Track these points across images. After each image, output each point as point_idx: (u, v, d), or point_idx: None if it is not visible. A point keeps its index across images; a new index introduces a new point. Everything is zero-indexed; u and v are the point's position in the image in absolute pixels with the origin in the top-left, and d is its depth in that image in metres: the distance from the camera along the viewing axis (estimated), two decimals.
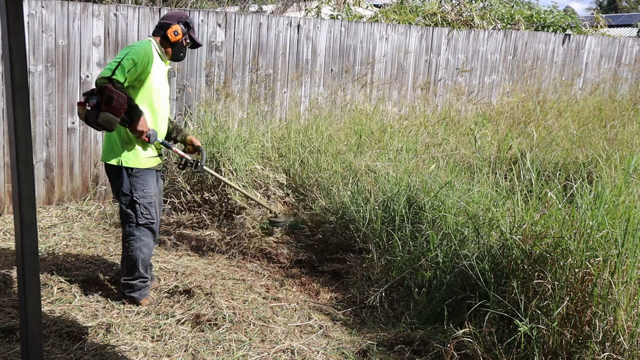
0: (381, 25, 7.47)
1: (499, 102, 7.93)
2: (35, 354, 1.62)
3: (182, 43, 3.56)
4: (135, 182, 3.44)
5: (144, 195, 3.45)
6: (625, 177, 3.23)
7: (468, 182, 4.12)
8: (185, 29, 3.54)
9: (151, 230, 3.53)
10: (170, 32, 3.50)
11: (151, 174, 3.49)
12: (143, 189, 3.45)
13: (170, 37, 3.51)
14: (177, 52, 3.59)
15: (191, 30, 3.60)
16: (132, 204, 3.45)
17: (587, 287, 2.71)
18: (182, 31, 3.53)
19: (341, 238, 4.25)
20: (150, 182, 3.48)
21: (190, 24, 3.58)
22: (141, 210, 3.45)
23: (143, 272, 3.52)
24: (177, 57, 3.63)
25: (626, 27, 19.39)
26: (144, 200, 3.45)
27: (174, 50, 3.57)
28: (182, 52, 3.62)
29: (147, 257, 3.54)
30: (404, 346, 3.10)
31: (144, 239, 3.50)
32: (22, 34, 1.45)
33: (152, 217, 3.50)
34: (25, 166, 1.50)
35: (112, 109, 3.15)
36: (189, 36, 3.59)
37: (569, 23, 10.17)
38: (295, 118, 6.23)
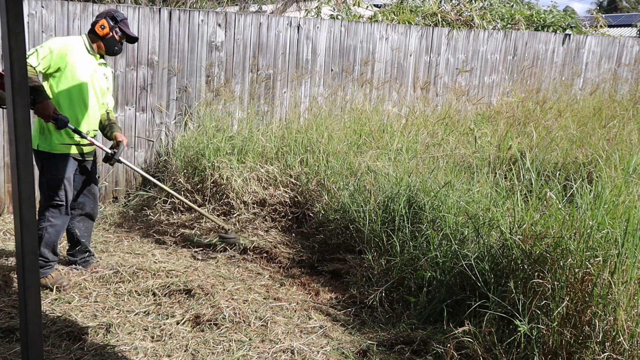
0: (381, 25, 7.47)
1: (499, 102, 7.93)
2: (35, 354, 1.62)
3: (113, 37, 3.79)
4: (46, 165, 3.68)
5: (51, 177, 3.68)
6: (625, 177, 3.23)
7: (468, 182, 4.12)
8: (112, 22, 3.76)
9: (59, 212, 3.73)
10: (98, 27, 3.74)
11: (64, 159, 3.70)
12: (53, 172, 3.68)
13: (98, 31, 3.73)
14: (110, 46, 3.79)
15: (121, 23, 3.80)
16: (42, 185, 3.71)
17: (587, 287, 2.71)
18: (109, 25, 3.75)
19: (341, 238, 4.25)
20: (60, 166, 3.70)
21: (117, 17, 3.79)
22: (49, 192, 3.69)
23: (45, 252, 3.72)
24: (111, 51, 3.82)
25: (626, 27, 19.39)
26: (52, 182, 3.68)
27: (105, 44, 3.78)
28: (115, 45, 3.81)
29: (52, 238, 3.72)
30: (404, 346, 3.10)
31: (51, 220, 3.71)
32: (22, 34, 1.45)
33: (59, 199, 3.70)
34: (25, 166, 1.50)
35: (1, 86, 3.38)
36: (119, 29, 3.80)
37: (569, 23, 10.17)
38: (295, 118, 6.23)
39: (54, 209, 3.73)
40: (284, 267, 4.29)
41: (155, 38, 5.61)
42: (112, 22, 3.76)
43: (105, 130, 3.98)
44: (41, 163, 3.71)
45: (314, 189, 4.78)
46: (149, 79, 5.67)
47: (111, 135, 3.94)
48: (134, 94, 5.63)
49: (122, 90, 5.56)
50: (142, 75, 5.63)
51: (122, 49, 3.92)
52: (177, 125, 5.91)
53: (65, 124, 3.57)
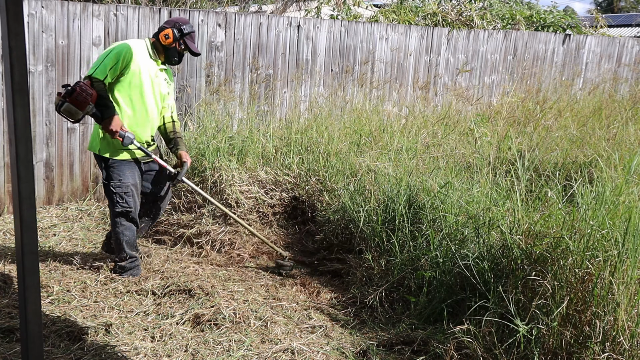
0: (381, 25, 7.47)
1: (499, 102, 7.93)
2: (35, 354, 1.62)
3: (175, 48, 3.78)
4: (111, 171, 3.69)
5: (119, 184, 3.70)
6: (626, 177, 3.23)
7: (468, 181, 4.12)
8: (178, 34, 3.75)
9: (128, 218, 3.77)
10: (162, 35, 3.74)
11: (128, 164, 3.73)
12: (119, 179, 3.69)
13: (162, 39, 3.76)
14: (170, 56, 3.80)
15: (187, 37, 3.79)
16: (109, 192, 3.73)
17: (587, 287, 2.71)
18: (174, 36, 3.74)
19: (341, 238, 4.25)
20: (127, 172, 3.71)
21: (184, 30, 3.77)
22: (117, 199, 3.71)
23: (129, 252, 3.81)
24: (170, 61, 3.84)
25: (626, 27, 19.40)
26: (119, 189, 3.70)
27: (166, 53, 3.79)
28: (175, 56, 3.82)
29: (131, 239, 3.81)
30: (404, 346, 3.10)
31: (124, 224, 3.78)
32: (22, 34, 1.45)
33: (128, 206, 3.74)
34: (25, 166, 1.50)
35: (73, 101, 3.42)
36: (183, 42, 3.79)
37: (569, 23, 10.17)
38: (295, 118, 6.23)
39: (122, 216, 3.76)
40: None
41: None
42: (177, 34, 3.75)
43: (170, 144, 3.97)
44: (105, 170, 3.71)
45: (313, 189, 4.78)
46: None
47: (176, 152, 3.93)
48: None
49: None
50: None
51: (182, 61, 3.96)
52: None
53: (132, 141, 3.59)
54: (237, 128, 5.89)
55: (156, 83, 3.76)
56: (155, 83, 3.75)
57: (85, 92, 3.42)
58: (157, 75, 3.77)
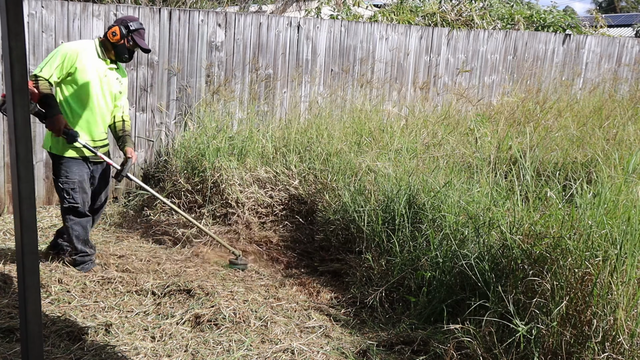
0: (381, 25, 7.47)
1: (499, 102, 7.93)
2: (35, 354, 1.62)
3: (123, 45, 3.83)
4: (59, 168, 3.78)
5: (66, 180, 3.78)
6: (625, 177, 3.23)
7: (468, 181, 4.12)
8: (125, 31, 3.81)
9: (77, 213, 3.85)
10: (109, 33, 3.80)
11: (76, 162, 3.80)
12: (66, 175, 3.77)
13: (109, 37, 3.80)
14: (120, 53, 3.85)
15: (135, 33, 3.84)
16: (57, 187, 3.83)
17: (587, 287, 2.71)
18: (122, 33, 3.80)
19: (341, 238, 4.25)
20: (74, 168, 3.79)
21: (131, 27, 3.83)
22: (64, 195, 3.80)
23: (81, 247, 3.88)
24: (120, 58, 3.89)
25: (626, 27, 19.40)
26: (66, 185, 3.79)
27: (115, 50, 3.84)
28: (125, 53, 3.86)
29: (81, 234, 3.88)
30: (404, 346, 3.10)
31: (74, 219, 3.86)
32: (22, 34, 1.45)
33: (74, 201, 3.81)
34: (25, 166, 1.50)
35: None
36: (132, 39, 3.84)
37: (569, 23, 10.17)
38: (295, 118, 6.23)
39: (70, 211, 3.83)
40: (284, 267, 4.29)
41: (155, 38, 5.61)
42: (124, 31, 3.80)
43: (119, 141, 4.03)
44: (54, 166, 3.79)
45: (313, 189, 4.78)
46: (149, 79, 5.67)
47: (123, 149, 3.98)
48: (134, 94, 5.63)
49: None
50: (142, 76, 5.63)
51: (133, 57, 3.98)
52: (177, 126, 5.91)
53: (75, 139, 3.65)
54: (237, 128, 5.90)
55: (105, 82, 3.81)
56: (104, 82, 3.81)
57: None
58: (105, 75, 3.82)
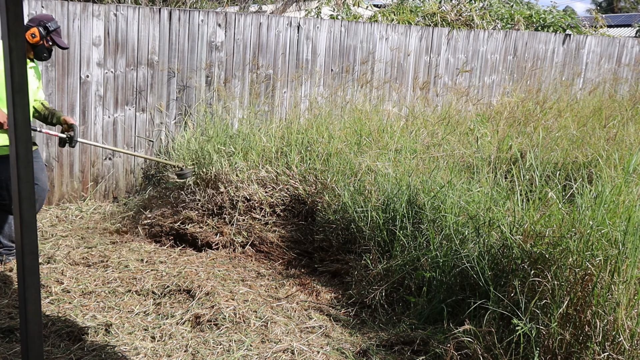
0: (381, 25, 7.47)
1: (499, 102, 7.93)
2: (35, 354, 1.62)
3: (42, 45, 3.88)
4: None
5: None
6: (625, 177, 3.23)
7: (468, 181, 4.12)
8: (44, 32, 3.85)
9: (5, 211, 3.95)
10: (28, 35, 3.81)
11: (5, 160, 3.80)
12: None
13: (28, 38, 3.81)
14: (39, 53, 3.88)
15: (53, 33, 3.90)
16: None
17: (587, 287, 2.71)
18: (40, 34, 3.84)
19: (341, 238, 4.25)
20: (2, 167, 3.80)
21: (50, 27, 3.88)
22: None
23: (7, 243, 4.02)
24: (40, 57, 3.91)
25: (626, 27, 19.40)
26: None
27: (35, 50, 3.87)
28: (44, 52, 3.90)
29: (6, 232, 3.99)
30: (404, 346, 3.10)
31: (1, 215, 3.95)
32: (22, 34, 1.45)
33: (2, 199, 3.86)
34: (25, 166, 1.50)
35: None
36: (50, 39, 3.89)
37: (569, 23, 10.17)
38: (295, 118, 6.23)
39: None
40: (284, 267, 4.29)
41: (155, 38, 5.61)
42: (44, 32, 3.86)
43: (48, 118, 4.08)
44: None
45: (314, 189, 4.78)
46: (149, 79, 5.67)
47: (58, 121, 4.06)
48: (134, 94, 5.63)
49: (122, 90, 5.56)
50: (142, 75, 5.63)
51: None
52: (177, 125, 5.91)
53: None
54: (238, 127, 5.89)
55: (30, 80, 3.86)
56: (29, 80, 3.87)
57: None
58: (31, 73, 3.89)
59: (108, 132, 3.98)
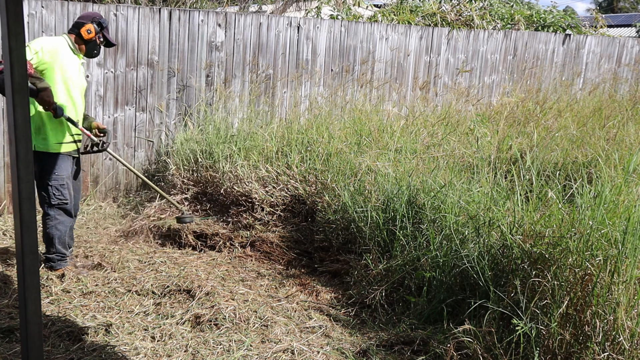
0: (381, 25, 7.47)
1: (499, 102, 7.93)
2: (35, 354, 1.62)
3: (95, 41, 3.89)
4: (45, 165, 3.76)
5: (55, 177, 3.77)
6: (625, 177, 3.23)
7: (468, 181, 4.12)
8: (98, 28, 3.87)
9: (65, 210, 3.86)
10: (84, 31, 3.83)
11: (62, 158, 3.80)
12: (54, 172, 3.77)
13: (83, 34, 3.83)
14: (91, 50, 3.92)
15: (105, 30, 3.92)
16: (45, 186, 3.78)
17: (587, 287, 2.71)
18: (95, 30, 3.86)
19: (341, 238, 4.25)
20: (62, 165, 3.80)
21: (103, 24, 3.90)
22: (53, 192, 3.79)
23: (60, 249, 3.87)
24: (90, 54, 3.95)
25: (626, 27, 19.40)
26: (55, 182, 3.78)
27: (87, 47, 3.89)
28: (95, 49, 3.94)
29: (63, 235, 3.88)
30: (404, 346, 3.10)
31: (58, 218, 3.85)
32: (22, 34, 1.45)
33: (64, 198, 3.82)
34: (25, 166, 1.50)
35: None
36: (102, 35, 3.91)
37: (569, 23, 10.17)
38: (295, 118, 6.23)
39: (58, 208, 3.83)
40: (284, 267, 4.29)
41: (155, 38, 5.61)
42: (98, 28, 3.87)
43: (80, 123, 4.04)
44: (41, 165, 3.77)
45: (314, 189, 4.78)
46: (149, 79, 5.67)
47: (89, 126, 4.05)
48: (134, 94, 5.63)
49: (122, 90, 5.56)
50: (142, 75, 5.63)
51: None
52: (177, 125, 5.91)
53: (63, 112, 3.68)
54: (238, 127, 5.90)
55: (78, 78, 3.87)
56: (80, 78, 3.88)
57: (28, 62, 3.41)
58: (79, 70, 3.89)
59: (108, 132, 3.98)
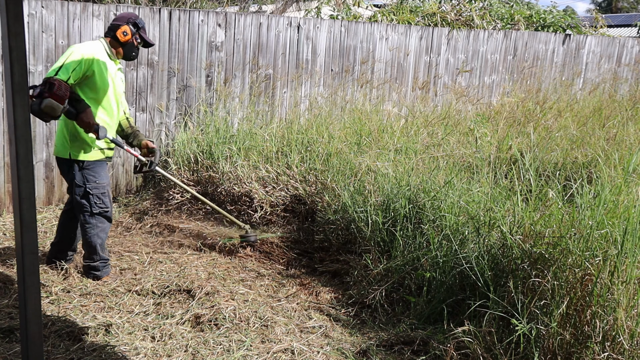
0: (381, 25, 7.47)
1: (499, 102, 7.93)
2: (35, 354, 1.62)
3: (132, 43, 3.77)
4: (87, 174, 3.65)
5: (96, 186, 3.68)
6: (625, 177, 3.23)
7: (468, 181, 4.12)
8: (134, 29, 3.76)
9: (106, 217, 3.77)
10: (120, 33, 3.71)
11: (101, 165, 3.72)
12: (95, 180, 3.67)
13: (120, 37, 3.71)
14: (129, 52, 3.78)
15: (141, 30, 3.80)
16: (85, 194, 3.67)
17: (587, 287, 2.71)
18: (132, 31, 3.74)
19: (341, 238, 4.25)
20: (102, 173, 3.71)
21: (139, 24, 3.78)
22: (94, 200, 3.69)
23: (102, 255, 3.80)
24: (129, 57, 3.81)
25: (626, 27, 19.41)
26: (96, 190, 3.68)
27: (124, 49, 3.76)
28: (133, 51, 3.81)
29: (104, 242, 3.81)
30: (404, 346, 3.10)
31: (100, 225, 3.75)
32: (22, 34, 1.45)
33: (105, 206, 3.73)
34: (25, 166, 1.50)
35: (54, 95, 3.28)
36: (139, 36, 3.79)
37: (569, 23, 10.18)
38: (295, 118, 6.23)
39: (100, 216, 3.72)
40: (284, 267, 4.29)
41: (155, 38, 5.61)
42: (134, 29, 3.75)
43: (129, 138, 3.94)
44: (80, 173, 3.64)
45: (314, 189, 4.78)
46: (149, 79, 5.67)
47: (138, 144, 3.91)
48: (134, 94, 5.63)
49: None
50: (142, 75, 5.63)
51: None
52: (177, 125, 5.91)
53: (105, 135, 3.55)
54: (238, 127, 5.90)
55: (117, 83, 3.75)
56: (116, 83, 3.74)
57: (64, 84, 3.32)
58: (116, 75, 3.76)
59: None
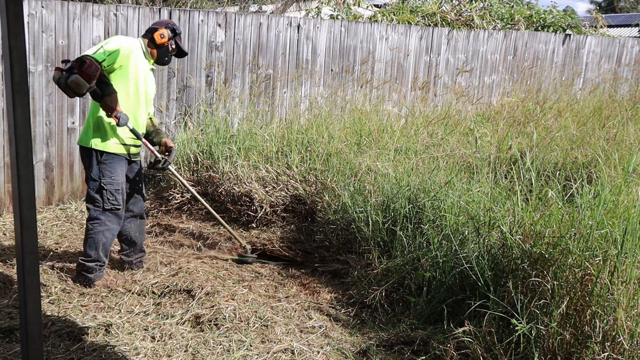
0: (381, 25, 7.47)
1: (499, 102, 7.93)
2: (35, 354, 1.62)
3: (167, 47, 3.81)
4: (103, 168, 3.62)
5: (111, 182, 3.63)
6: (625, 177, 3.23)
7: (468, 181, 4.12)
8: (171, 34, 3.79)
9: (116, 216, 3.71)
10: (157, 35, 3.75)
11: (120, 161, 3.68)
12: (111, 176, 3.63)
13: (157, 39, 3.75)
14: (162, 56, 3.82)
15: (178, 37, 3.85)
16: (100, 189, 3.63)
17: (587, 287, 2.71)
18: (169, 35, 3.78)
19: (341, 238, 4.25)
20: (118, 169, 3.66)
21: (177, 31, 3.83)
22: (107, 196, 3.64)
23: (102, 256, 3.70)
24: (161, 61, 3.85)
25: (626, 27, 19.41)
26: (110, 186, 3.63)
27: (159, 52, 3.80)
28: (166, 56, 3.84)
29: (108, 242, 3.71)
30: (404, 346, 3.10)
31: (108, 224, 3.68)
32: (22, 34, 1.45)
33: (117, 203, 3.68)
34: (25, 166, 1.50)
35: (82, 73, 3.29)
36: (175, 42, 3.83)
37: (569, 23, 10.18)
38: (295, 118, 6.23)
39: (110, 213, 3.68)
40: (284, 267, 4.29)
41: None
42: (171, 34, 3.79)
43: (151, 135, 3.93)
44: (97, 167, 3.61)
45: (314, 189, 4.78)
46: None
47: (159, 141, 3.92)
48: None
49: None
50: None
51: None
52: (177, 125, 5.91)
53: (126, 122, 3.55)
54: (238, 127, 5.90)
55: (148, 82, 3.76)
56: (148, 82, 3.76)
57: (95, 65, 3.33)
58: (148, 74, 3.77)
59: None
